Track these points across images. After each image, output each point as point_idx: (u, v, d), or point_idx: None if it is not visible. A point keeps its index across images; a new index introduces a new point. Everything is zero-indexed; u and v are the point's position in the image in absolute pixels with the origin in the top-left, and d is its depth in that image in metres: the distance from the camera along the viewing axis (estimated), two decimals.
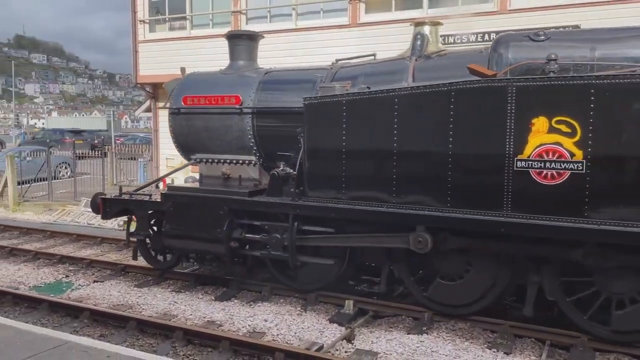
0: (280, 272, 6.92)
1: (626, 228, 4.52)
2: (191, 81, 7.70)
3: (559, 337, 5.40)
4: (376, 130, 5.55)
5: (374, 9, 12.65)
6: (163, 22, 15.87)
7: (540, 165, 4.76)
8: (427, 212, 5.33)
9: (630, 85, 4.44)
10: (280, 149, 6.64)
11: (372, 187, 5.64)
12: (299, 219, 6.20)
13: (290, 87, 6.85)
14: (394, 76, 6.18)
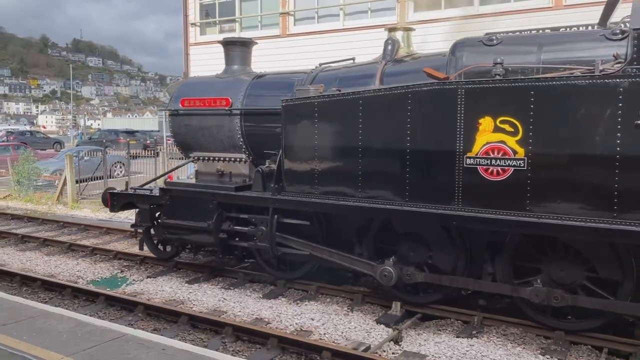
0: (268, 263, 7.47)
1: (563, 222, 4.79)
2: (189, 85, 8.43)
3: (618, 345, 5.21)
4: (343, 129, 5.93)
5: (421, 8, 12.53)
6: (213, 24, 16.24)
7: (487, 163, 5.07)
8: (388, 206, 5.68)
9: (564, 86, 4.69)
10: (266, 147, 7.07)
11: (340, 183, 6.02)
12: (278, 212, 6.63)
13: (274, 89, 7.33)
14: (364, 79, 6.56)
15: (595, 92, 4.61)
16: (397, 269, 5.90)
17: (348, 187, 5.96)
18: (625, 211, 4.58)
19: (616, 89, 4.52)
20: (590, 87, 4.62)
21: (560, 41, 5.58)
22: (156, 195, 7.80)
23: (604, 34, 5.31)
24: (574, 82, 4.69)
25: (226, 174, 7.66)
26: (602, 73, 4.64)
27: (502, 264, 5.64)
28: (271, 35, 14.63)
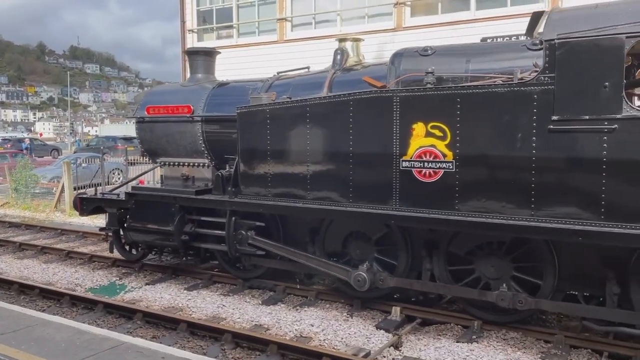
0: (230, 264, 7.75)
1: (487, 219, 5.09)
2: (154, 93, 8.82)
3: (618, 349, 5.14)
4: (293, 135, 6.22)
5: (418, 13, 12.59)
6: (210, 31, 16.27)
7: (420, 165, 5.39)
8: (334, 207, 5.97)
9: (486, 94, 4.98)
10: (227, 152, 7.28)
11: (291, 185, 6.29)
12: (236, 214, 6.88)
13: (233, 97, 7.53)
14: (314, 87, 6.83)
15: (513, 99, 4.88)
16: (370, 274, 6.04)
17: (298, 189, 6.23)
18: (541, 209, 4.85)
19: (531, 96, 4.78)
20: (508, 94, 4.90)
21: (487, 52, 5.90)
22: (122, 200, 8.03)
23: (525, 45, 5.64)
24: (494, 89, 4.97)
25: (190, 178, 7.92)
26: (518, 81, 4.93)
27: (439, 261, 5.90)
28: (269, 41, 14.65)
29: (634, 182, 4.45)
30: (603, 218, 4.60)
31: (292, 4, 14.34)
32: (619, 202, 4.53)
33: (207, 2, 15.95)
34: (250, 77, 8.07)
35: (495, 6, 11.52)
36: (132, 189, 8.10)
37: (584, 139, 4.60)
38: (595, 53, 4.52)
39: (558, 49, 4.65)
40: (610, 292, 5.03)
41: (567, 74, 4.63)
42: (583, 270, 5.39)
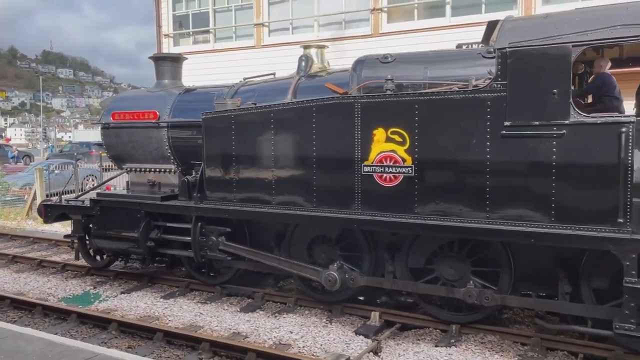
0: (197, 270, 7.83)
1: (444, 222, 5.28)
2: (120, 98, 8.87)
3: (593, 350, 5.28)
4: (257, 140, 6.34)
5: (395, 19, 12.67)
6: (187, 36, 16.12)
7: (381, 170, 5.53)
8: (299, 212, 6.11)
9: (442, 100, 5.21)
10: (193, 158, 7.33)
11: (256, 190, 6.42)
12: (202, 220, 6.96)
13: (198, 102, 7.62)
14: (279, 94, 6.97)
15: (468, 106, 5.07)
16: (342, 273, 6.12)
17: (263, 194, 6.36)
18: (496, 211, 5.05)
19: (485, 102, 4.98)
20: (463, 101, 5.10)
21: (444, 60, 6.09)
22: (87, 206, 8.04)
23: (480, 53, 5.87)
24: (450, 96, 5.17)
25: (157, 184, 8.00)
26: (473, 88, 5.12)
27: (401, 263, 6.06)
28: (246, 46, 14.60)
29: (581, 185, 4.70)
30: (553, 220, 4.83)
31: (269, 10, 14.33)
32: (568, 204, 4.77)
33: (183, 7, 15.85)
34: (221, 83, 8.14)
35: (470, 13, 11.70)
36: (97, 195, 8.13)
37: (535, 144, 4.82)
38: (544, 61, 4.75)
39: (510, 57, 4.88)
40: (562, 291, 5.27)
41: (518, 82, 4.86)
42: (537, 271, 5.60)
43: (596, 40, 4.63)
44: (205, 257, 7.10)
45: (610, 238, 4.59)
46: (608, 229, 4.60)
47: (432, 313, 6.10)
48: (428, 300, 6.15)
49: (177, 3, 16.07)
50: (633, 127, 4.46)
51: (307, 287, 6.88)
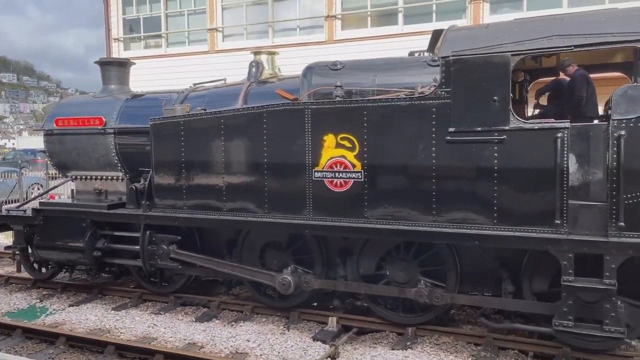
0: (147, 280, 7.76)
1: (393, 226, 5.47)
2: (64, 104, 8.71)
3: (542, 348, 5.51)
4: (207, 146, 6.38)
5: (349, 26, 12.90)
6: (138, 40, 15.88)
7: (331, 175, 5.68)
8: (250, 218, 6.18)
9: (390, 107, 5.40)
10: (141, 165, 7.35)
11: (207, 197, 6.46)
12: (151, 228, 6.94)
13: (146, 108, 7.63)
14: (229, 99, 7.06)
15: (414, 112, 5.28)
16: (296, 277, 6.22)
17: (214, 201, 6.40)
18: (441, 215, 5.28)
19: (430, 109, 5.21)
20: (410, 107, 5.31)
21: (392, 67, 6.31)
22: (29, 216, 7.87)
23: (426, 61, 6.16)
24: (397, 103, 5.38)
25: (103, 192, 7.94)
26: (418, 95, 5.35)
27: (352, 267, 6.19)
28: (199, 51, 14.51)
29: (521, 189, 4.97)
30: (496, 222, 5.08)
31: (222, 15, 14.29)
32: (510, 207, 5.03)
33: (134, 11, 15.63)
34: (170, 89, 8.15)
35: (421, 21, 12.05)
36: (39, 204, 7.97)
37: (478, 149, 5.06)
38: (485, 69, 5.01)
39: (453, 65, 5.11)
40: (505, 291, 5.53)
41: (461, 89, 5.10)
42: (482, 272, 5.82)
43: (533, 49, 4.92)
44: (155, 266, 7.07)
45: (548, 239, 4.88)
46: (546, 230, 4.88)
47: (384, 316, 6.24)
48: (380, 304, 6.27)
49: (127, 6, 15.82)
50: (568, 133, 4.77)
51: (259, 293, 6.92)
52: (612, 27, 4.70)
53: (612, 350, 5.24)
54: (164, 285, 7.66)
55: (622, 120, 4.58)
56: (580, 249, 4.80)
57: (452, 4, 12.04)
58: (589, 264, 4.87)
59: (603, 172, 4.77)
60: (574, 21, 4.98)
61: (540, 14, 5.85)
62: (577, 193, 4.88)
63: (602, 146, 4.76)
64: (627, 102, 4.60)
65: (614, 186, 4.64)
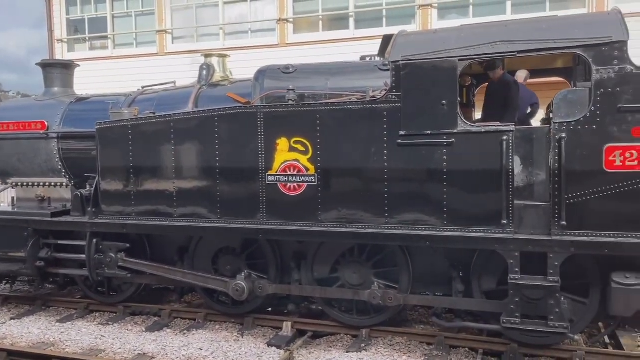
0: (94, 289, 7.57)
1: (347, 229, 5.55)
2: (4, 108, 8.47)
3: (491, 345, 5.69)
4: (157, 151, 6.29)
5: (301, 29, 12.95)
6: (83, 41, 15.40)
7: (285, 179, 5.69)
8: (202, 224, 6.13)
9: (342, 111, 5.46)
10: (86, 170, 7.17)
11: (157, 203, 6.34)
12: (98, 236, 6.77)
13: (92, 112, 7.48)
14: (179, 103, 7.01)
15: (366, 116, 5.37)
16: (249, 282, 6.19)
17: (164, 207, 6.31)
18: (394, 217, 5.37)
19: (382, 113, 5.30)
20: (362, 111, 5.39)
21: (344, 71, 6.40)
22: None
23: (377, 65, 6.26)
24: (350, 107, 5.46)
25: (46, 199, 7.65)
26: (370, 99, 5.44)
27: (307, 271, 6.21)
28: (148, 53, 14.20)
29: (469, 190, 5.12)
30: (446, 223, 5.22)
31: (172, 16, 14.06)
32: (459, 208, 5.18)
33: (78, 11, 15.16)
34: (118, 92, 7.99)
35: (372, 26, 12.23)
36: None
37: (428, 152, 5.19)
38: (433, 74, 5.14)
39: (403, 70, 5.22)
40: (456, 290, 5.68)
41: (411, 93, 5.22)
42: (434, 272, 5.94)
43: (479, 54, 5.09)
44: (102, 276, 6.87)
45: (495, 238, 5.05)
46: (493, 230, 5.05)
47: (339, 319, 6.28)
48: (335, 307, 6.31)
49: (71, 6, 15.32)
50: (513, 135, 4.95)
51: (212, 300, 6.84)
52: (553, 34, 4.90)
53: (556, 345, 5.46)
54: (112, 295, 7.43)
55: (563, 123, 4.79)
56: (525, 247, 4.98)
57: (401, 9, 12.30)
58: (535, 262, 5.06)
59: (546, 173, 4.98)
60: (517, 28, 5.15)
61: (486, 21, 6.04)
62: (522, 194, 5.08)
63: (544, 148, 4.97)
64: (567, 106, 4.81)
65: (556, 187, 4.83)
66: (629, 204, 4.65)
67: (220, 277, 6.44)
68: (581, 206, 4.77)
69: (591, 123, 4.70)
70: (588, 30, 4.78)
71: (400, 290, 5.83)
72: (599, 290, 5.17)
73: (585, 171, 4.74)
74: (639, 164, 4.60)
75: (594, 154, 4.70)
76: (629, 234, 4.68)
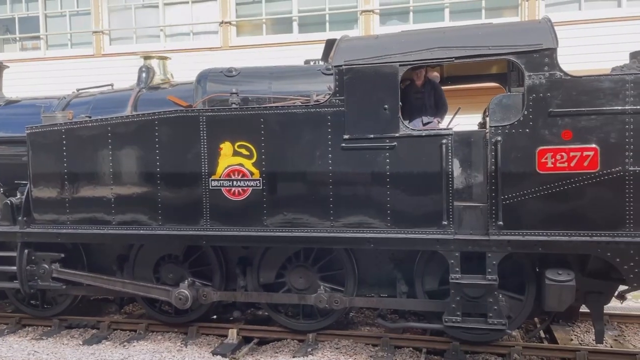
0: (27, 303, 7.23)
1: (292, 233, 5.56)
2: None
3: (434, 344, 5.84)
4: (93, 156, 6.13)
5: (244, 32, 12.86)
6: (13, 41, 14.65)
7: (229, 184, 5.65)
8: (142, 231, 5.99)
9: (286, 114, 5.51)
10: (17, 177, 6.94)
11: (93, 210, 6.16)
12: (30, 246, 6.53)
13: (22, 116, 7.26)
14: (117, 106, 6.87)
15: (311, 120, 5.42)
16: (193, 290, 6.09)
17: (102, 214, 6.13)
18: (339, 220, 5.44)
19: (326, 117, 5.38)
20: (306, 115, 5.45)
21: (287, 75, 6.43)
22: None
23: (320, 69, 6.34)
24: (294, 110, 5.50)
25: None
26: (314, 103, 5.50)
27: (252, 277, 6.18)
28: (84, 54, 13.68)
29: (411, 192, 5.25)
30: (389, 225, 5.32)
31: (109, 17, 13.61)
32: (402, 210, 5.29)
33: (8, 10, 14.40)
34: (50, 94, 7.66)
35: (316, 30, 12.31)
36: None
37: (371, 155, 5.28)
38: (375, 78, 5.24)
39: (345, 74, 5.30)
40: (400, 291, 5.79)
41: (354, 97, 5.30)
42: (378, 274, 6.02)
43: (419, 60, 5.22)
44: (35, 288, 6.60)
45: (437, 239, 5.19)
46: (435, 231, 5.19)
47: (285, 324, 6.25)
48: (281, 312, 6.29)
49: (0, 5, 14.53)
50: (451, 139, 5.11)
51: (154, 310, 6.67)
52: (488, 41, 5.10)
53: (496, 341, 5.67)
54: (47, 308, 7.12)
55: (499, 127, 4.98)
56: (465, 247, 5.15)
57: (344, 14, 12.44)
58: (474, 261, 5.23)
59: (483, 175, 5.18)
60: (454, 34, 5.33)
61: (425, 27, 6.19)
62: (461, 195, 5.26)
63: (482, 151, 5.18)
64: (503, 110, 5.01)
65: (493, 188, 5.02)
66: (559, 204, 4.90)
67: (162, 285, 6.31)
68: (516, 206, 4.97)
69: (524, 127, 4.92)
70: (520, 37, 5.01)
71: (346, 293, 5.87)
72: (534, 287, 5.41)
73: (519, 173, 4.94)
74: (568, 166, 4.85)
75: (528, 156, 4.92)
76: (560, 232, 4.93)
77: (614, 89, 4.73)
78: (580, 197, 4.84)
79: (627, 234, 4.79)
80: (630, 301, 7.54)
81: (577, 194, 4.84)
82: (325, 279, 5.99)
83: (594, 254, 4.94)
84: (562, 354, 5.55)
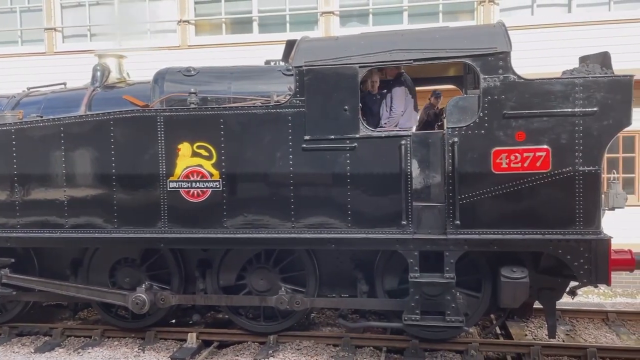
0: None
1: (253, 235, 5.55)
2: None
3: (394, 343, 5.94)
4: (45, 157, 6.01)
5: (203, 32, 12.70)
6: None
7: (188, 186, 5.60)
8: (97, 235, 5.88)
9: (246, 115, 5.49)
10: None
11: (45, 213, 6.04)
12: None
13: None
14: (70, 105, 6.71)
15: (271, 120, 5.43)
16: (151, 294, 6.01)
17: (54, 217, 5.98)
18: (300, 220, 5.45)
19: (286, 117, 5.39)
20: (267, 115, 5.45)
21: (247, 75, 6.41)
22: None
23: (281, 70, 6.35)
24: (254, 111, 5.49)
25: None
26: (275, 104, 5.49)
27: (212, 280, 6.12)
28: (35, 52, 13.20)
29: (371, 193, 5.32)
30: (350, 225, 5.38)
31: (62, 14, 13.18)
32: (362, 210, 5.36)
33: None
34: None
35: (276, 31, 12.26)
36: None
37: (332, 156, 5.33)
38: (335, 79, 5.29)
39: (306, 75, 5.33)
40: (360, 291, 5.84)
41: (314, 98, 5.33)
42: (339, 274, 6.07)
43: (378, 62, 5.30)
44: None
45: (396, 239, 5.29)
46: (394, 230, 5.28)
47: (246, 327, 6.22)
48: (242, 315, 6.26)
49: None
50: (410, 140, 5.21)
51: (109, 315, 6.53)
52: (445, 44, 5.22)
53: (454, 339, 5.78)
54: None
55: (455, 128, 5.11)
56: (424, 247, 5.25)
57: (304, 15, 12.45)
58: (433, 260, 5.33)
59: (441, 176, 5.28)
60: (412, 37, 5.43)
61: (384, 29, 6.26)
62: (420, 195, 5.33)
63: (439, 152, 5.27)
64: (459, 112, 5.14)
65: (450, 188, 5.14)
66: (514, 203, 5.07)
67: (118, 290, 6.17)
68: (473, 206, 5.11)
69: (480, 128, 5.05)
70: (476, 41, 5.15)
71: (307, 294, 5.87)
72: (490, 285, 5.56)
73: (475, 173, 5.08)
74: (522, 166, 5.01)
75: (483, 157, 5.06)
76: (514, 231, 5.08)
77: (564, 92, 4.92)
78: (534, 197, 5.01)
79: (578, 231, 4.98)
80: (581, 297, 7.86)
81: (530, 194, 5.01)
82: (287, 280, 5.99)
83: (546, 251, 5.12)
84: (517, 349, 5.73)
